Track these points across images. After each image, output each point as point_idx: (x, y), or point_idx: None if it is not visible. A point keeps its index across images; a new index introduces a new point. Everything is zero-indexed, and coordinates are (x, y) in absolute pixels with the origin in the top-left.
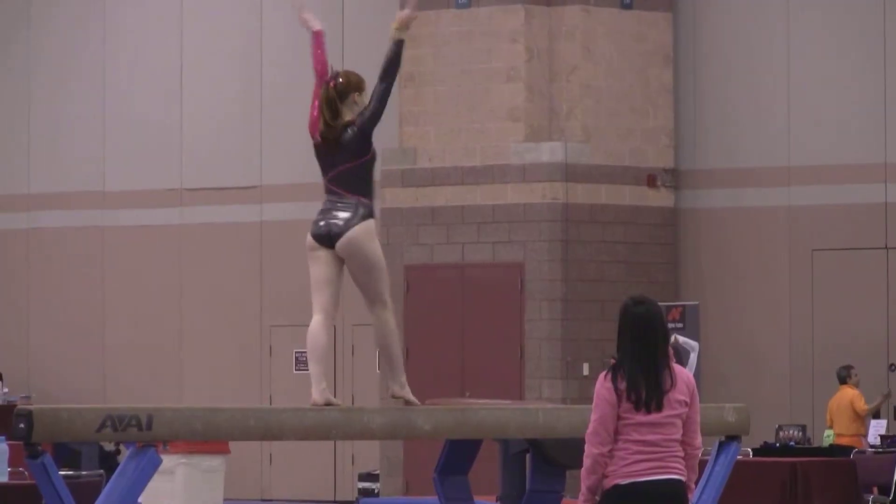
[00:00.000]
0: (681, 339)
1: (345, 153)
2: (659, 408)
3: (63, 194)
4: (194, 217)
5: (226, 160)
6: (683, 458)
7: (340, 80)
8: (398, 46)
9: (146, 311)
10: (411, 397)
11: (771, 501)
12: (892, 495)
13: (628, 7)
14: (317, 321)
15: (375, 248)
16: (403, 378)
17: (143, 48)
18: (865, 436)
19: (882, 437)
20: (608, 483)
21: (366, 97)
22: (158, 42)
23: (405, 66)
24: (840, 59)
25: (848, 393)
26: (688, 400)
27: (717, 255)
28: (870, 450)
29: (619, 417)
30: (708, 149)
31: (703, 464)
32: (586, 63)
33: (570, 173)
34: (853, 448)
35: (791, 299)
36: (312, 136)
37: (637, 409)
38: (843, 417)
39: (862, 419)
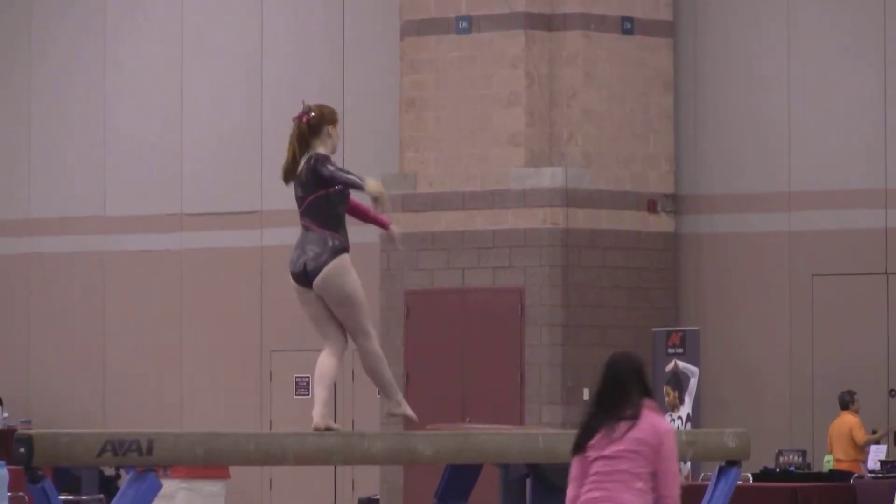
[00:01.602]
0: (681, 364)
1: (307, 187)
2: (600, 447)
3: (63, 219)
4: (195, 242)
5: (226, 185)
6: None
7: (313, 113)
8: (357, 188)
9: (146, 335)
10: (409, 412)
11: None
12: None
13: (629, 32)
14: (324, 353)
15: (350, 283)
16: (399, 396)
17: (144, 73)
18: (865, 462)
19: (882, 462)
20: None
21: (338, 130)
22: (159, 67)
23: (406, 92)
24: (840, 84)
25: (848, 420)
26: (652, 441)
27: (718, 281)
28: (868, 475)
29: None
30: (708, 174)
31: (702, 489)
32: (587, 88)
33: (570, 198)
34: (853, 473)
35: (791, 324)
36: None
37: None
38: (842, 443)
39: (862, 447)
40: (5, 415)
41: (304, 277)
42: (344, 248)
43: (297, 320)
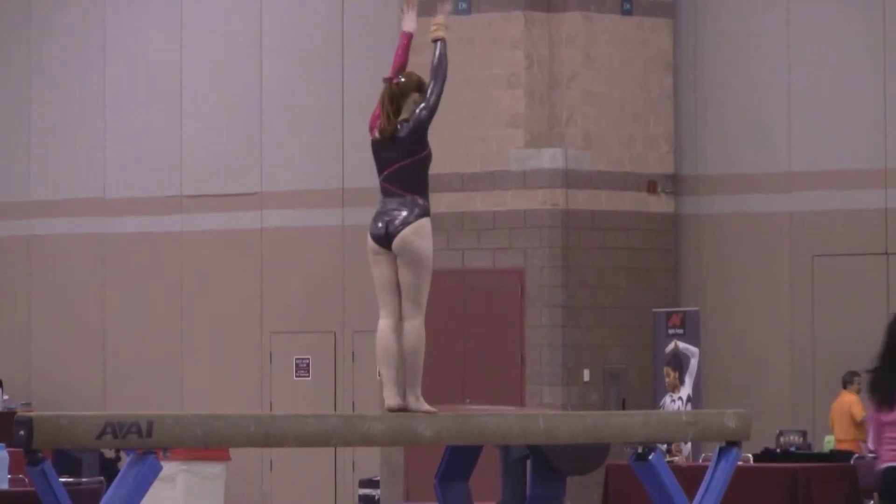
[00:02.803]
0: (681, 345)
1: (400, 150)
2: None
3: (63, 202)
4: (195, 224)
5: (226, 167)
6: None
7: (402, 78)
8: (442, 46)
9: (147, 317)
10: (427, 407)
11: None
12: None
13: (629, 14)
14: (384, 325)
15: (426, 248)
16: (419, 391)
17: (143, 55)
18: (865, 441)
19: None
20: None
21: (424, 97)
22: (158, 49)
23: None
24: (840, 64)
25: (847, 398)
26: None
27: (718, 261)
28: (870, 455)
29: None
30: (708, 155)
31: (703, 469)
32: (587, 70)
33: (570, 180)
34: (853, 453)
35: (791, 305)
36: (371, 132)
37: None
38: (842, 423)
39: (862, 425)
40: (5, 397)
41: (386, 239)
42: (427, 213)
43: (296, 302)
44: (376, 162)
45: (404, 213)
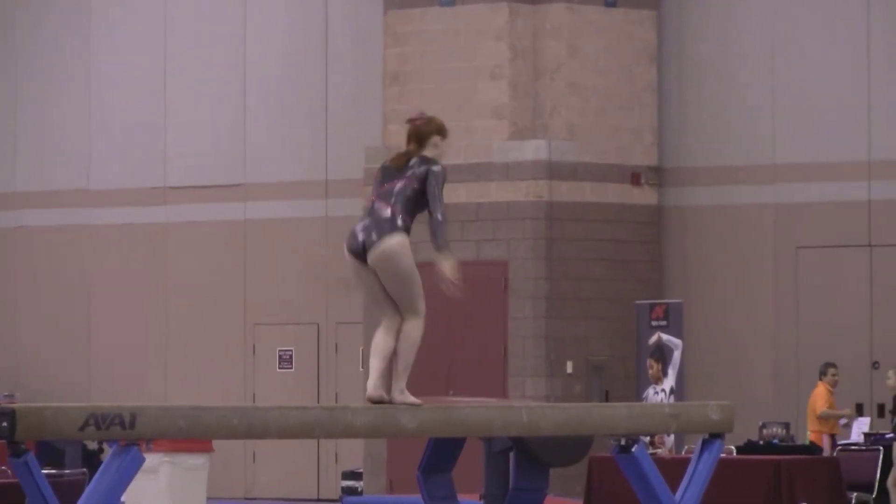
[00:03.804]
0: (664, 337)
1: (405, 176)
2: None
3: (48, 193)
4: (179, 215)
5: (210, 158)
6: None
7: (425, 120)
8: (435, 246)
9: (131, 308)
10: (412, 399)
11: (755, 499)
12: (875, 493)
13: (612, 5)
14: (380, 329)
15: (406, 262)
16: (403, 384)
17: (128, 46)
18: (834, 434)
19: (865, 434)
20: None
21: (445, 144)
22: (143, 40)
23: (389, 65)
24: (824, 56)
25: (816, 391)
26: None
27: (702, 253)
28: (837, 447)
29: None
30: (692, 147)
31: (686, 461)
32: (571, 61)
33: (554, 171)
34: (817, 446)
35: (775, 297)
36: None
37: None
38: (811, 414)
39: (824, 419)
40: None
41: (362, 253)
42: (406, 230)
43: (280, 294)
44: (375, 185)
45: (382, 228)
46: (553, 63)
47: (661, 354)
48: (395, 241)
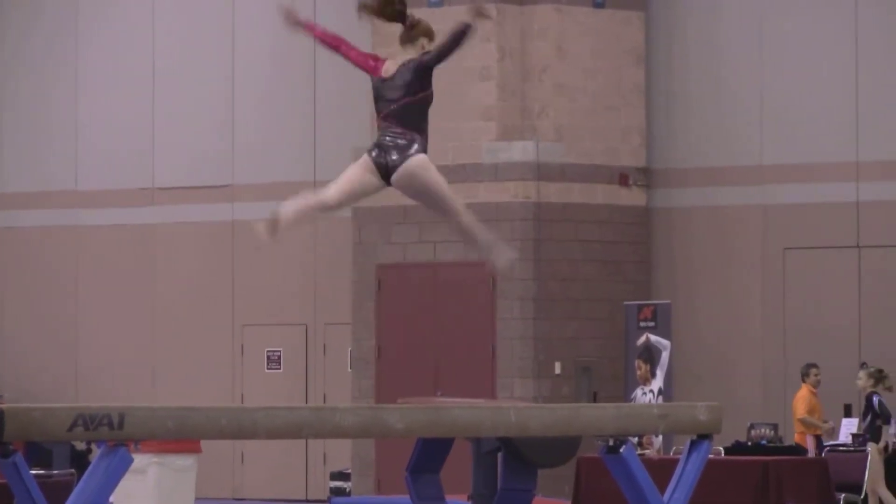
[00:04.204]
0: (652, 337)
1: (403, 89)
2: None
3: (36, 194)
4: (167, 216)
5: (198, 159)
6: None
7: (416, 21)
8: (468, 28)
9: (119, 309)
10: (506, 254)
11: (743, 500)
12: (863, 494)
13: (600, 6)
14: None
15: (433, 175)
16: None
17: (116, 47)
18: (819, 436)
19: (853, 435)
20: None
21: (432, 47)
22: (131, 42)
23: None
24: (812, 57)
25: (799, 393)
26: None
27: (690, 254)
28: (821, 449)
29: None
30: (680, 148)
31: (674, 462)
32: (559, 62)
33: (542, 172)
34: (801, 447)
35: (763, 298)
36: (375, 72)
37: None
38: (794, 416)
39: (803, 421)
40: None
41: (385, 170)
42: (425, 150)
43: (268, 294)
44: (376, 103)
45: (402, 149)
46: (541, 64)
47: (650, 355)
48: (417, 160)
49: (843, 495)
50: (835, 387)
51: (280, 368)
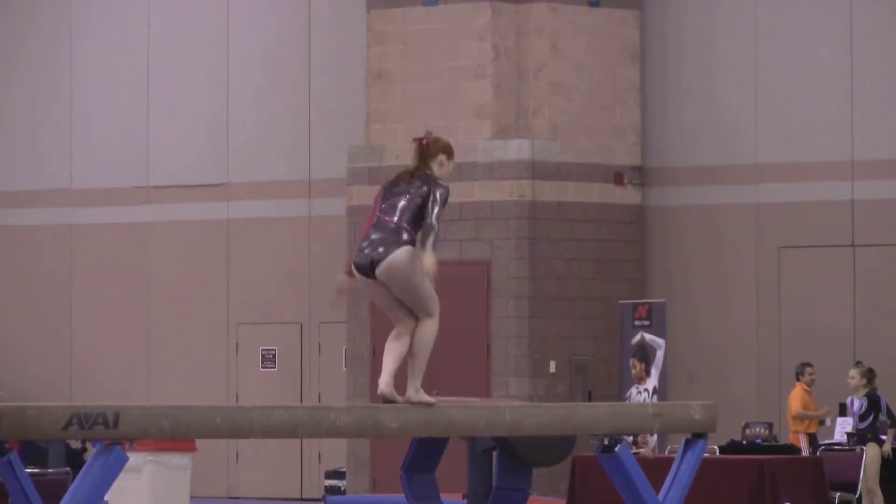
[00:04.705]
0: (647, 336)
1: (412, 191)
2: None
3: (31, 192)
4: (162, 214)
5: (193, 157)
6: None
7: (432, 139)
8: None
9: (114, 308)
10: (426, 398)
11: (738, 499)
12: (857, 493)
13: (595, 4)
14: (394, 334)
15: (415, 271)
16: (419, 384)
17: (111, 46)
18: (812, 433)
19: (848, 434)
20: None
21: (451, 164)
22: (126, 39)
23: (372, 64)
24: (807, 56)
25: (794, 391)
26: None
27: (685, 253)
28: (815, 448)
29: None
30: (675, 146)
31: (669, 461)
32: (554, 61)
33: (537, 171)
34: (794, 446)
35: (758, 297)
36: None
37: None
38: (790, 415)
39: (799, 419)
40: None
41: (370, 268)
42: (412, 242)
43: (263, 293)
44: (379, 202)
45: (388, 243)
46: (536, 62)
47: (644, 354)
48: (403, 253)
49: (838, 494)
50: (829, 385)
51: (275, 367)
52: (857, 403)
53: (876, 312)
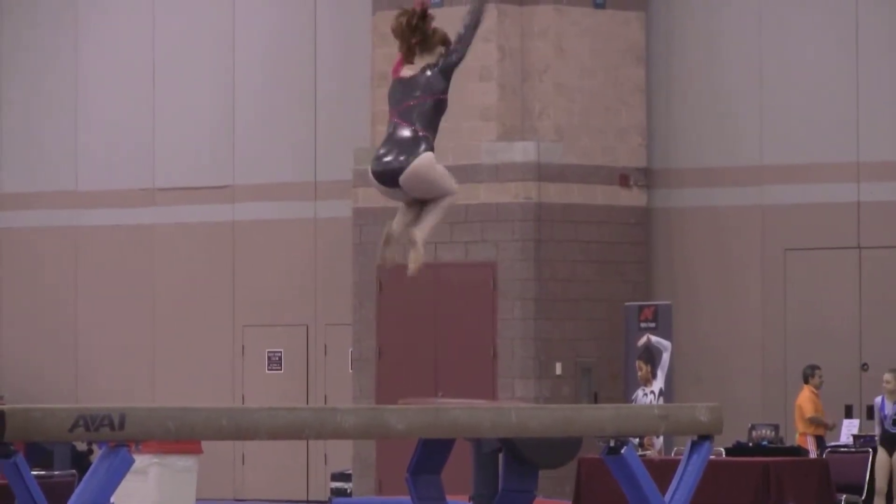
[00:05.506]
0: (653, 338)
1: (421, 88)
2: None
3: (35, 194)
4: (167, 217)
5: (198, 159)
6: None
7: (434, 28)
8: (483, 4)
9: (119, 310)
10: (417, 241)
11: (744, 501)
12: (864, 495)
13: (601, 6)
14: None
15: (438, 172)
16: (425, 234)
17: (116, 47)
18: (821, 436)
19: (854, 436)
20: None
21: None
22: (131, 41)
23: (377, 66)
24: (812, 57)
25: (803, 394)
26: None
27: (690, 255)
28: (823, 450)
29: None
30: (680, 148)
31: (675, 463)
32: (559, 62)
33: (542, 173)
34: (803, 448)
35: (763, 299)
36: (394, 73)
37: None
38: (799, 417)
39: (811, 422)
40: None
41: (390, 177)
42: (431, 148)
43: (268, 295)
44: (391, 100)
45: (408, 149)
46: (541, 64)
47: (650, 356)
48: (425, 160)
49: (844, 496)
50: (835, 388)
51: (281, 369)
52: (892, 408)
53: (882, 314)
